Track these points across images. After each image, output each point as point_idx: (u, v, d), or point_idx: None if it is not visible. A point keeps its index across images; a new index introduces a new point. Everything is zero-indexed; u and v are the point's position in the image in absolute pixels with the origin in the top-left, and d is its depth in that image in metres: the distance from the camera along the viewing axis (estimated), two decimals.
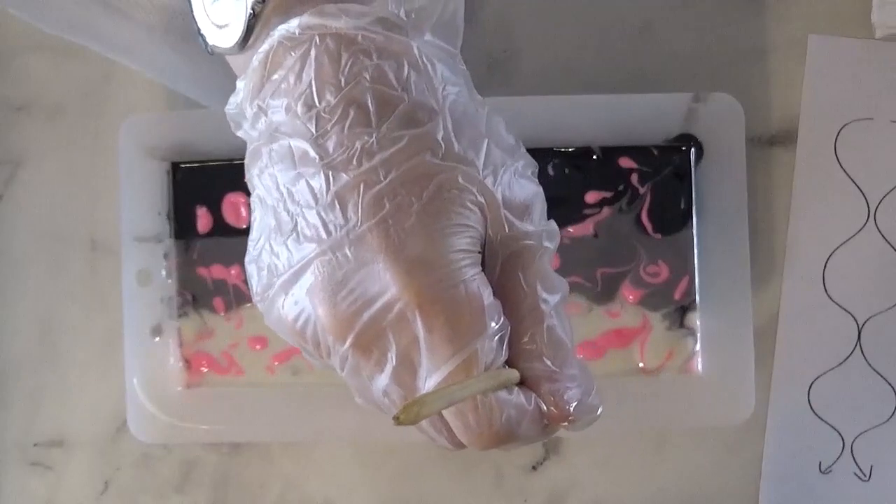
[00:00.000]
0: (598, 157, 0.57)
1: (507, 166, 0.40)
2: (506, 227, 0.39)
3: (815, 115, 0.59)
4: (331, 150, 0.38)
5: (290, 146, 0.39)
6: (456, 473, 0.61)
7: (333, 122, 0.38)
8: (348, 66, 0.38)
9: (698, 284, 0.57)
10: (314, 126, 0.38)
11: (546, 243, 0.41)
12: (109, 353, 0.60)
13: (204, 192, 0.57)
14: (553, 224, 0.41)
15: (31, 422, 0.62)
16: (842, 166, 0.59)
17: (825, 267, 0.60)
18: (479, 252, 0.39)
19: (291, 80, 0.39)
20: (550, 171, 0.57)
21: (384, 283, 0.37)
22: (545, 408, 0.39)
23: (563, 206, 0.57)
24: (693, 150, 0.57)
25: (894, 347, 0.60)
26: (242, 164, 0.56)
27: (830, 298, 0.60)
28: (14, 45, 0.61)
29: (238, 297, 0.58)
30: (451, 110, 0.39)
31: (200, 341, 0.58)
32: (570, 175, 0.57)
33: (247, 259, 0.42)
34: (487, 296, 0.38)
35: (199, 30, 0.42)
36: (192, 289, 0.58)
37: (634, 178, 0.57)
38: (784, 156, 0.60)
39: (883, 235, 0.59)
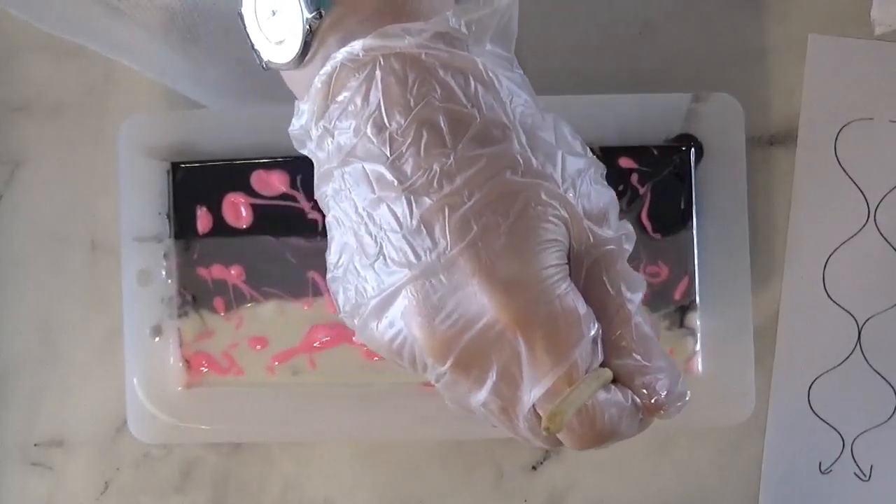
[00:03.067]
0: (598, 156, 0.57)
1: (583, 176, 0.41)
2: (590, 237, 0.40)
3: (815, 115, 0.59)
4: (409, 173, 0.38)
5: (363, 169, 0.39)
6: (456, 473, 0.61)
7: (407, 144, 0.38)
8: (416, 86, 0.38)
9: (698, 284, 0.57)
10: (388, 149, 0.38)
11: (625, 246, 0.42)
12: (109, 353, 0.60)
13: (204, 192, 0.57)
14: (629, 225, 0.42)
15: (31, 422, 0.62)
16: (842, 166, 0.59)
17: (825, 267, 0.60)
18: (567, 264, 0.40)
19: (358, 101, 0.39)
20: None
21: (481, 305, 0.38)
22: (640, 401, 0.41)
23: None
24: (693, 150, 0.57)
25: (894, 347, 0.60)
26: (242, 164, 0.57)
27: (830, 298, 0.60)
28: (14, 45, 0.61)
29: (238, 297, 0.58)
30: (522, 123, 0.40)
31: (200, 341, 0.58)
32: None
33: (329, 277, 0.43)
34: (581, 306, 0.39)
35: (252, 45, 0.43)
36: (192, 289, 0.58)
37: (634, 178, 0.57)
38: (784, 156, 0.60)
39: (883, 235, 0.59)
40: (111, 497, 0.62)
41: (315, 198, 0.43)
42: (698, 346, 0.57)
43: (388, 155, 0.38)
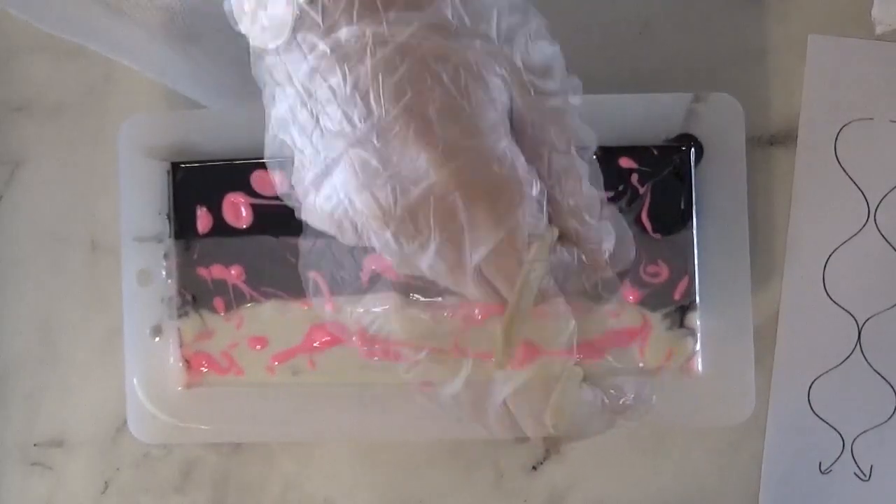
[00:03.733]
0: (597, 156, 0.57)
1: (521, 31, 0.40)
2: (531, 90, 0.40)
3: (815, 115, 0.59)
4: (342, 41, 0.38)
5: (297, 41, 0.39)
6: (456, 473, 0.61)
7: (340, 11, 0.38)
8: None
9: (698, 284, 0.57)
10: (321, 18, 0.38)
11: (571, 99, 0.41)
12: (109, 353, 0.61)
13: (204, 192, 0.57)
14: (576, 79, 0.42)
15: (31, 422, 0.62)
16: (842, 166, 0.59)
17: (825, 267, 0.60)
18: (508, 121, 0.40)
19: None
20: None
21: (420, 169, 0.38)
22: (585, 260, 0.41)
23: None
24: (693, 149, 0.57)
25: (894, 347, 0.60)
26: (242, 164, 0.57)
27: (830, 298, 0.60)
28: (14, 45, 0.61)
29: (238, 296, 0.58)
30: None
31: (200, 341, 0.58)
32: None
33: (266, 154, 0.42)
34: (521, 165, 0.39)
35: None
36: (192, 289, 0.58)
37: (634, 177, 0.57)
38: (784, 156, 0.60)
39: (883, 235, 0.59)
40: (111, 497, 0.62)
41: (252, 75, 0.42)
42: (698, 346, 0.57)
43: (321, 24, 0.38)
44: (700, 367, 0.57)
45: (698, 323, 0.57)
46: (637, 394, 0.43)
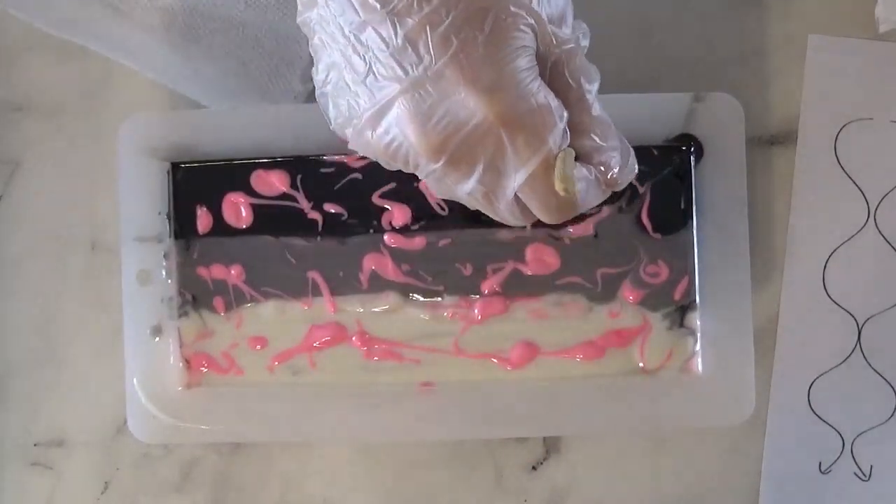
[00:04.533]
0: None
1: None
2: (553, 39, 0.45)
3: (815, 115, 0.59)
4: None
5: None
6: (456, 473, 0.61)
7: None
8: None
9: (698, 284, 0.57)
10: None
11: (582, 42, 0.47)
12: (109, 353, 0.61)
13: (204, 191, 0.57)
14: (583, 25, 0.47)
15: (31, 422, 0.62)
16: (842, 166, 0.59)
17: (825, 267, 0.60)
18: (536, 65, 0.44)
19: None
20: None
21: (468, 109, 0.43)
22: (599, 176, 0.46)
23: None
24: (693, 149, 0.57)
25: (894, 347, 0.60)
26: (242, 164, 0.57)
27: (830, 298, 0.60)
28: (14, 45, 0.61)
29: (238, 296, 0.58)
30: None
31: (200, 341, 0.58)
32: None
33: (318, 93, 0.47)
34: (552, 100, 0.44)
35: None
36: (192, 289, 0.58)
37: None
38: (784, 156, 0.60)
39: (883, 235, 0.59)
40: (111, 497, 0.62)
41: (297, 23, 0.46)
42: (698, 346, 0.57)
43: None
44: (700, 368, 0.57)
45: (698, 323, 0.57)
46: (622, 165, 0.47)
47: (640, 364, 0.58)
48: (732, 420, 0.57)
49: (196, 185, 0.57)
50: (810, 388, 0.60)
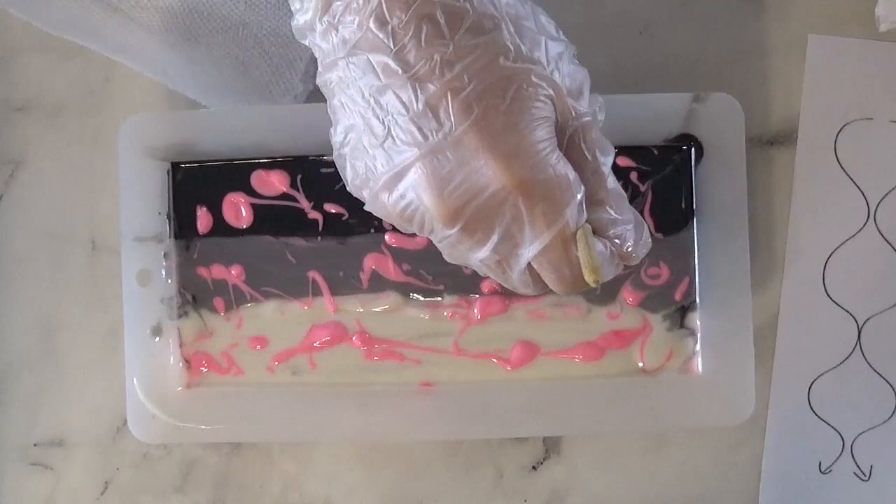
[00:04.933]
0: None
1: (562, 57, 0.45)
2: (572, 111, 0.45)
3: (815, 115, 0.59)
4: (412, 62, 0.43)
5: (368, 60, 0.43)
6: (456, 473, 0.61)
7: (409, 36, 0.42)
8: None
9: (698, 285, 0.57)
10: (391, 41, 0.43)
11: (599, 116, 0.47)
12: (109, 353, 0.61)
13: (204, 191, 0.57)
14: (599, 98, 0.47)
15: (31, 422, 0.62)
16: (842, 166, 0.59)
17: (825, 267, 0.60)
18: (555, 136, 0.45)
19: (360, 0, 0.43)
20: None
21: (486, 177, 0.43)
22: (613, 250, 0.47)
23: None
24: (693, 149, 0.57)
25: (894, 347, 0.60)
26: (242, 164, 0.57)
27: (830, 298, 0.60)
28: (14, 45, 0.61)
29: (238, 296, 0.58)
30: (508, 14, 0.44)
31: (200, 341, 0.58)
32: None
33: (335, 154, 0.47)
34: (571, 172, 0.45)
35: None
36: (192, 289, 0.58)
37: (634, 177, 0.57)
38: (784, 156, 0.60)
39: (883, 235, 0.59)
40: (111, 497, 0.62)
41: (317, 83, 0.46)
42: (698, 346, 0.57)
43: (392, 47, 0.43)
44: (700, 368, 0.57)
45: (698, 323, 0.57)
46: (636, 240, 0.47)
47: (640, 364, 0.58)
48: (732, 420, 0.57)
49: (196, 185, 0.57)
50: (810, 388, 0.60)
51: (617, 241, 0.47)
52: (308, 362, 0.58)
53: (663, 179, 0.57)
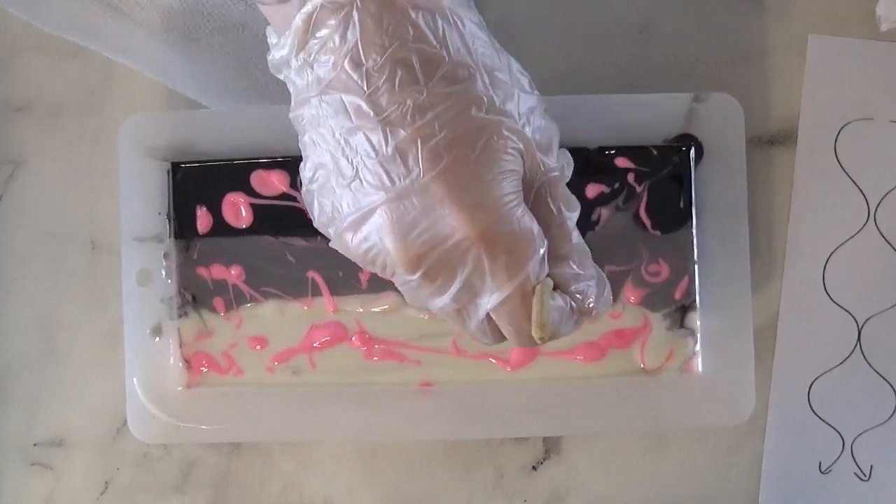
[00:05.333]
0: (596, 155, 0.57)
1: (534, 112, 0.46)
2: (541, 165, 0.46)
3: (815, 115, 0.59)
4: (384, 105, 0.42)
5: (341, 100, 0.43)
6: (456, 473, 0.61)
7: (383, 79, 0.42)
8: (390, 27, 0.42)
9: (698, 284, 0.57)
10: (365, 84, 0.42)
11: (566, 172, 0.47)
12: (109, 353, 0.61)
13: (204, 191, 0.57)
14: (567, 154, 0.48)
15: (31, 422, 0.62)
16: (842, 166, 0.59)
17: (825, 267, 0.60)
18: (521, 190, 0.45)
19: (337, 39, 0.43)
20: None
21: (451, 226, 0.43)
22: (575, 305, 0.47)
23: None
24: (693, 150, 0.57)
25: (894, 347, 0.60)
26: (242, 164, 0.57)
27: (830, 298, 0.60)
28: (14, 45, 0.61)
29: (238, 297, 0.58)
30: (484, 64, 0.44)
31: (200, 341, 0.58)
32: None
33: (303, 190, 0.47)
34: (535, 226, 0.45)
35: None
36: (192, 289, 0.58)
37: (632, 177, 0.57)
38: (784, 156, 0.60)
39: (883, 235, 0.59)
40: (111, 497, 0.62)
41: (289, 117, 0.46)
42: (698, 346, 0.57)
43: (365, 89, 0.42)
44: (700, 368, 0.57)
45: (698, 323, 0.57)
46: (598, 296, 0.47)
47: (641, 365, 0.58)
48: (732, 420, 0.57)
49: (196, 185, 0.57)
50: (810, 388, 0.60)
51: (578, 296, 0.47)
52: (308, 362, 0.58)
53: (663, 179, 0.57)
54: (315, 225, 0.47)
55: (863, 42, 0.59)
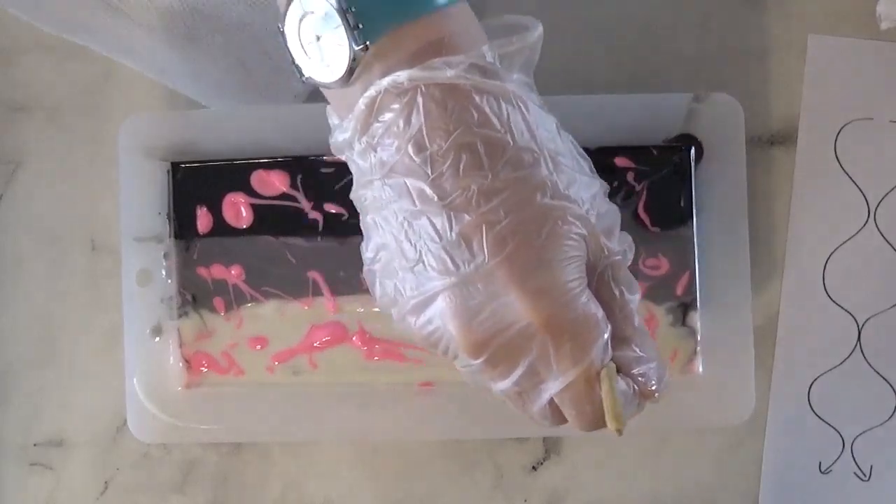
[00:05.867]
0: (596, 155, 0.57)
1: (597, 197, 0.45)
2: (604, 250, 0.45)
3: (815, 115, 0.59)
4: (448, 190, 0.42)
5: (405, 184, 0.43)
6: (456, 473, 0.61)
7: (448, 164, 0.42)
8: (455, 112, 0.42)
9: (699, 285, 0.57)
10: (429, 168, 0.42)
11: (629, 255, 0.47)
12: (109, 353, 0.60)
13: (204, 191, 0.57)
14: (629, 237, 0.47)
15: (31, 422, 0.62)
16: (842, 166, 0.59)
17: (825, 267, 0.60)
18: (585, 275, 0.45)
19: (401, 123, 0.42)
20: None
21: (515, 312, 0.43)
22: (636, 388, 0.46)
23: None
24: (693, 150, 0.57)
25: (894, 347, 0.60)
26: (242, 164, 0.57)
27: (830, 298, 0.60)
28: (14, 45, 0.61)
29: (238, 296, 0.58)
30: (548, 149, 0.44)
31: (200, 341, 0.58)
32: None
33: (365, 270, 0.47)
34: (599, 311, 0.44)
35: (293, 60, 0.45)
36: (192, 289, 0.58)
37: (631, 176, 0.57)
38: (784, 156, 0.60)
39: (883, 235, 0.59)
40: (111, 497, 0.62)
41: (350, 198, 0.46)
42: (698, 347, 0.57)
43: (430, 173, 0.42)
44: (700, 368, 0.57)
45: (699, 323, 0.57)
46: (659, 378, 0.46)
47: None
48: (732, 420, 0.57)
49: (196, 185, 0.57)
50: (810, 388, 0.60)
51: (641, 378, 0.46)
52: (308, 362, 0.58)
53: (662, 179, 0.57)
54: (377, 304, 0.47)
55: (863, 42, 0.59)
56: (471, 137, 0.42)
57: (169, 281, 0.58)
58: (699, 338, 0.57)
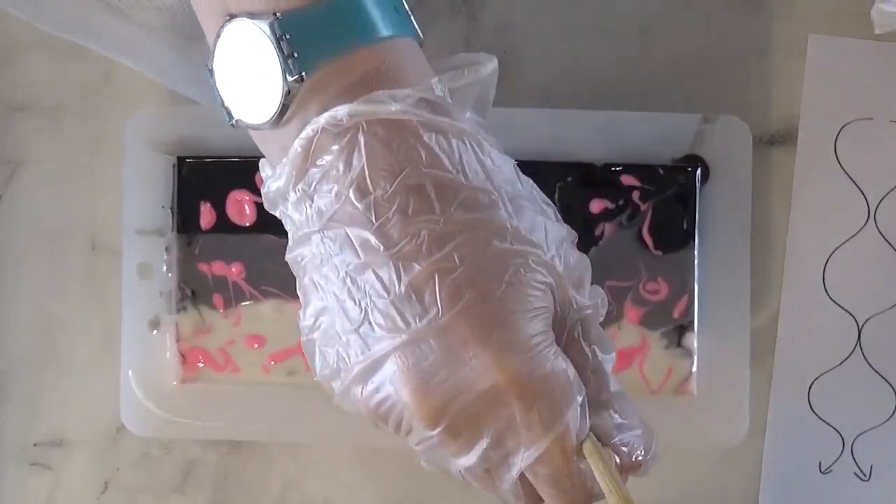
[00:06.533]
0: (602, 173, 0.57)
1: (564, 243, 0.41)
2: (573, 302, 0.41)
3: (815, 115, 0.60)
4: (396, 238, 0.38)
5: (346, 234, 0.39)
6: None
7: (394, 209, 0.38)
8: (401, 151, 0.38)
9: (697, 306, 0.57)
10: (373, 214, 0.38)
11: (601, 310, 0.43)
12: (109, 354, 0.60)
13: (209, 187, 0.57)
14: (601, 291, 0.43)
15: (31, 422, 0.61)
16: (842, 166, 0.60)
17: (825, 267, 0.60)
18: (552, 330, 0.40)
19: (340, 166, 0.38)
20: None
21: (476, 371, 0.38)
22: (618, 460, 0.41)
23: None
24: (699, 171, 0.57)
25: (894, 347, 0.60)
26: (248, 161, 0.57)
27: (830, 298, 0.60)
28: (14, 45, 0.61)
29: (237, 294, 0.58)
30: (506, 191, 0.40)
31: (198, 337, 0.58)
32: (573, 189, 0.56)
33: (303, 340, 0.42)
34: (570, 369, 0.40)
35: (222, 102, 0.42)
36: (191, 284, 0.58)
37: (637, 195, 0.57)
38: (784, 156, 0.60)
39: (883, 235, 0.60)
40: (111, 497, 0.62)
41: (286, 259, 0.42)
42: (694, 368, 0.57)
43: (374, 220, 0.38)
44: (695, 389, 0.57)
45: (696, 345, 0.57)
46: (646, 447, 0.43)
47: (642, 383, 0.57)
48: (725, 443, 0.58)
49: (201, 180, 0.57)
50: (810, 388, 0.60)
51: (624, 448, 0.42)
52: (304, 363, 0.58)
53: (668, 199, 0.57)
54: (316, 379, 0.42)
55: (863, 42, 0.59)
56: (419, 178, 0.38)
57: (169, 275, 0.58)
58: (695, 360, 0.57)
